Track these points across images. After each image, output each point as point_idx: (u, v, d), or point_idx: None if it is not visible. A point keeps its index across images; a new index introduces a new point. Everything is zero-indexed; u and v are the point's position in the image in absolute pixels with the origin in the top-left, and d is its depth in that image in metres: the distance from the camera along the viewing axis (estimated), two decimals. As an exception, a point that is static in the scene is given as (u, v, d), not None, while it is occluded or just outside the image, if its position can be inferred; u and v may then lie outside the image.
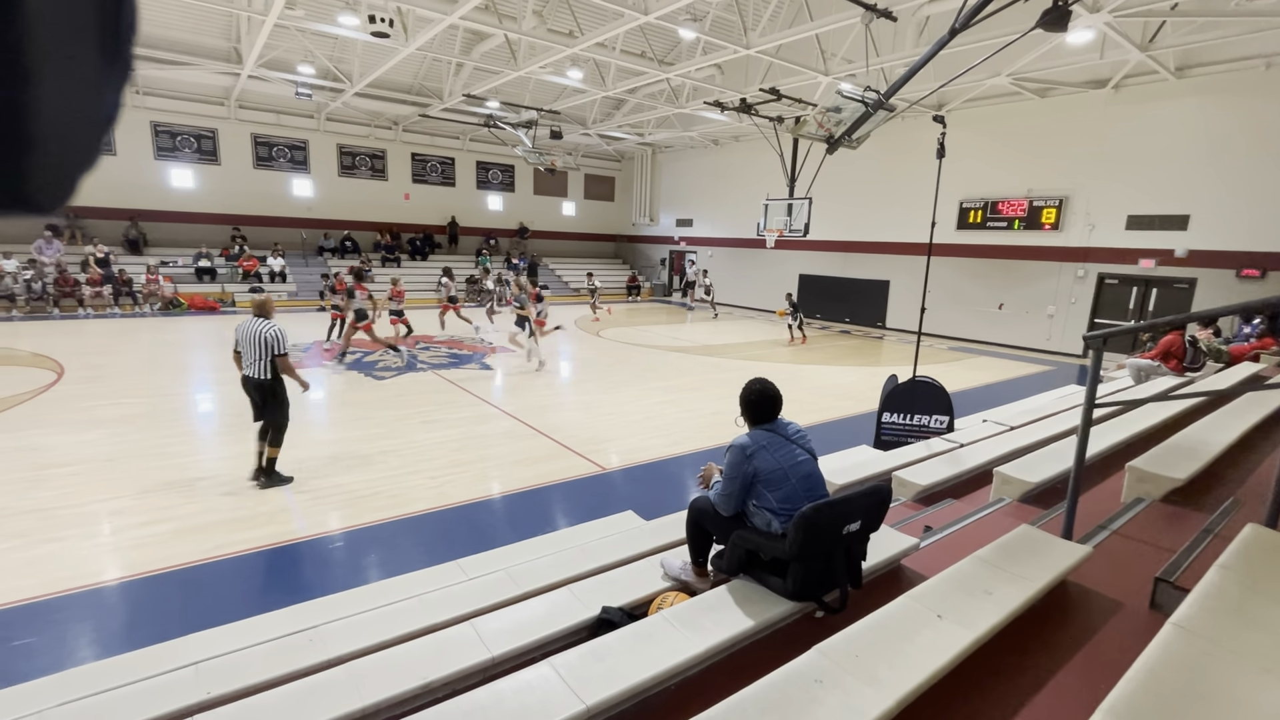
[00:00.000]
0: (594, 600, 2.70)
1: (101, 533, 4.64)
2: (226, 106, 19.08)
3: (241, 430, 6.98)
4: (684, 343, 14.80)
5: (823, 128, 9.81)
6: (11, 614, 3.66)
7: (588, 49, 12.61)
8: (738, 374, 11.22)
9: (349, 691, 2.01)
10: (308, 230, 21.27)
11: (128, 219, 18.31)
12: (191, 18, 14.38)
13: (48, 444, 6.34)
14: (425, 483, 5.77)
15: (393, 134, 22.16)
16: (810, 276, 20.85)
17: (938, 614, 2.15)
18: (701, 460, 6.63)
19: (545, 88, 18.01)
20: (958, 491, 4.48)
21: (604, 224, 28.67)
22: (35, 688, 2.68)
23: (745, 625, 2.32)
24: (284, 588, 4.08)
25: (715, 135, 22.22)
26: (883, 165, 17.87)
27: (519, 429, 7.49)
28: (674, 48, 15.56)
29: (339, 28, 11.95)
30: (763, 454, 2.51)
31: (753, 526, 2.57)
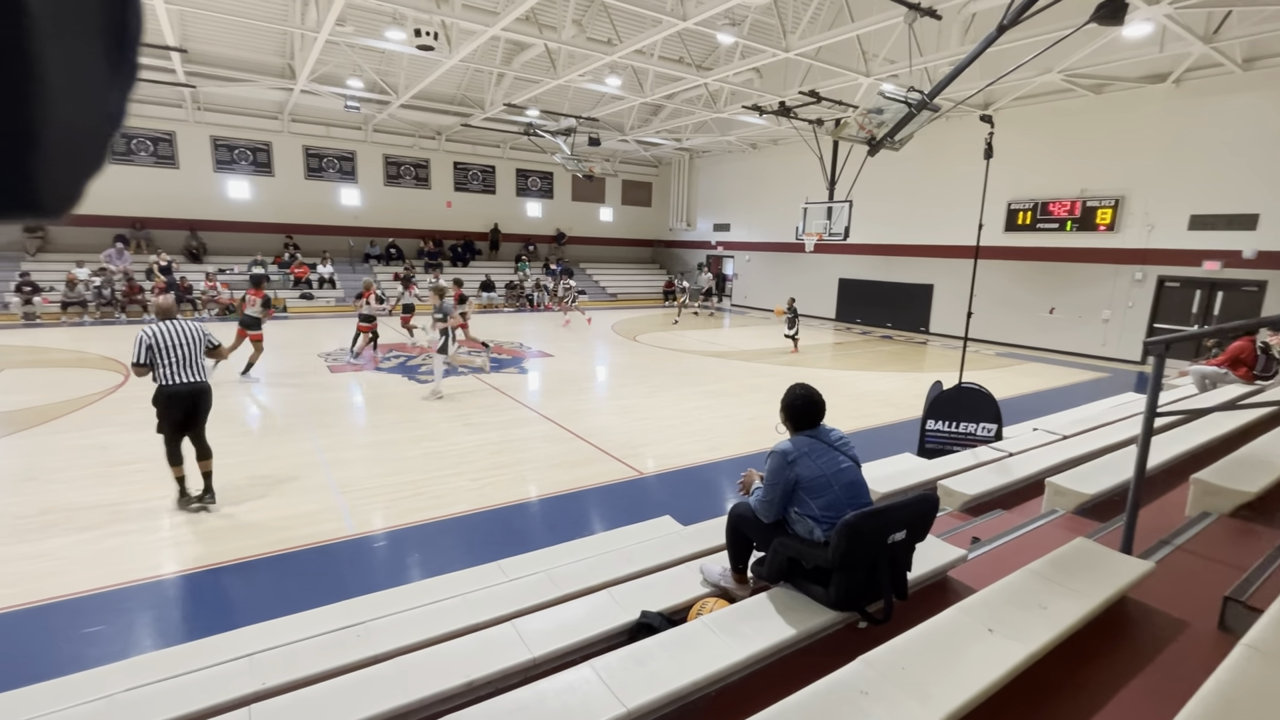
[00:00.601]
0: (633, 604, 2.70)
1: (162, 528, 4.87)
2: (280, 120, 19.89)
3: (292, 430, 7.25)
4: (721, 347, 14.72)
5: (864, 129, 9.65)
6: (83, 602, 3.87)
7: (626, 56, 12.71)
8: (776, 379, 11.10)
9: (396, 687, 2.06)
10: (355, 238, 21.98)
11: (188, 229, 19.24)
12: (249, 37, 15.06)
13: (115, 442, 6.69)
14: (466, 484, 5.88)
15: (436, 144, 22.74)
16: (850, 281, 20.50)
17: (989, 628, 2.08)
18: (739, 466, 6.58)
19: (584, 95, 18.22)
20: (1007, 502, 4.33)
21: (641, 229, 28.79)
22: (103, 673, 2.83)
23: (787, 634, 2.29)
24: (332, 584, 4.20)
25: (753, 139, 22.10)
26: (926, 167, 17.47)
27: (557, 432, 7.56)
28: (712, 52, 15.56)
29: (386, 42, 12.34)
30: (805, 460, 2.48)
31: (794, 534, 2.54)
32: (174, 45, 12.85)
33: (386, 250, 22.30)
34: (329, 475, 5.94)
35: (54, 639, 3.54)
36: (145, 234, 18.62)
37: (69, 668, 3.15)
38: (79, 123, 0.39)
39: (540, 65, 14.82)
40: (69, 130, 0.38)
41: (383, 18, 11.86)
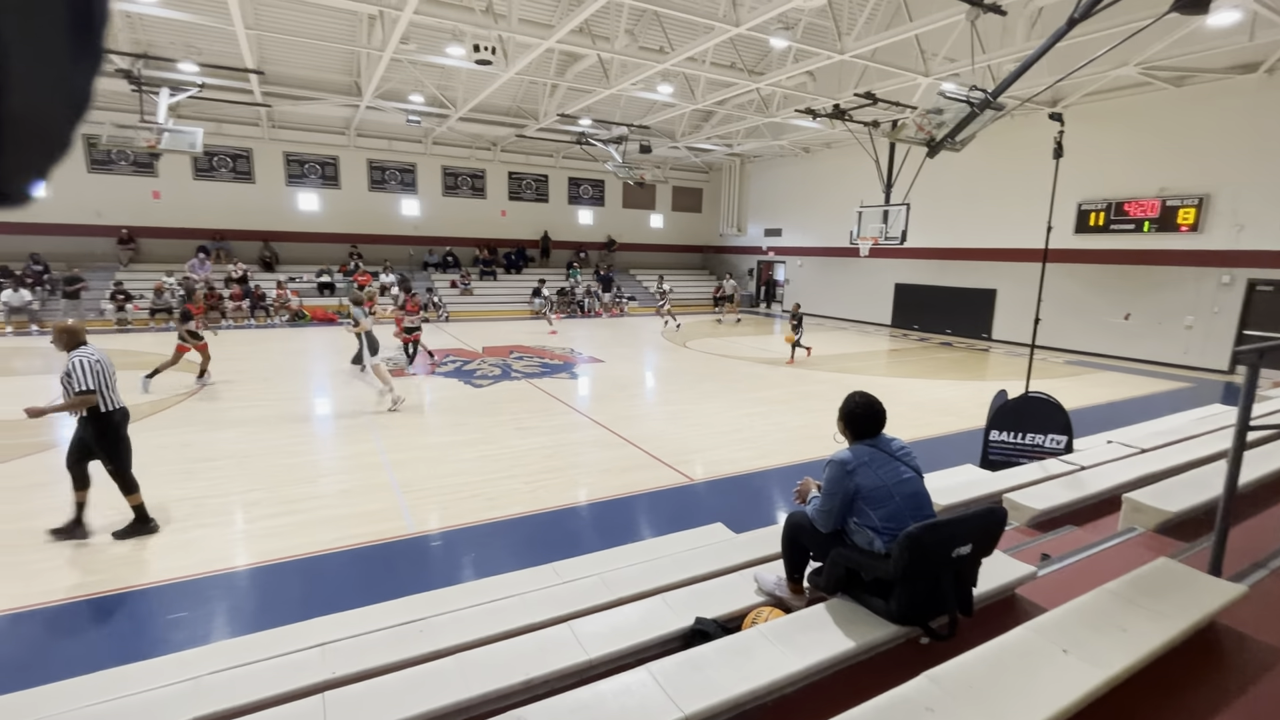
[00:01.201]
0: (687, 610, 2.70)
1: (240, 522, 5.16)
2: (347, 135, 20.87)
3: (356, 431, 7.56)
4: (772, 354, 14.54)
5: (922, 131, 9.39)
6: (169, 589, 4.14)
7: (678, 64, 12.77)
8: (828, 387, 10.88)
9: (458, 681, 2.13)
10: (414, 247, 22.81)
11: (262, 240, 20.39)
12: (320, 57, 15.88)
13: (197, 440, 7.14)
14: (520, 487, 5.99)
15: (491, 154, 23.37)
16: (907, 286, 19.91)
17: (1063, 648, 1.99)
18: (791, 475, 6.48)
19: (635, 104, 18.39)
20: (1079, 518, 4.12)
21: (691, 235, 28.77)
22: (188, 657, 3.02)
23: (845, 646, 2.25)
24: (394, 580, 4.35)
25: (806, 143, 21.80)
26: (988, 167, 16.83)
27: (608, 438, 7.62)
28: (764, 57, 15.46)
29: (446, 58, 12.79)
30: (864, 470, 2.43)
31: (853, 544, 2.49)
32: (252, 68, 13.67)
33: (444, 259, 23.03)
34: (391, 475, 6.17)
35: (143, 623, 3.80)
36: (224, 245, 19.83)
37: (157, 650, 3.38)
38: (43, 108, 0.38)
39: (593, 75, 15.05)
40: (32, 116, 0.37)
41: (443, 35, 12.30)
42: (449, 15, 10.89)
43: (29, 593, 4.00)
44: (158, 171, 18.75)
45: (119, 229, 18.65)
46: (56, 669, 3.15)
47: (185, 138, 13.25)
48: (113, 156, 18.16)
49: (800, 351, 13.52)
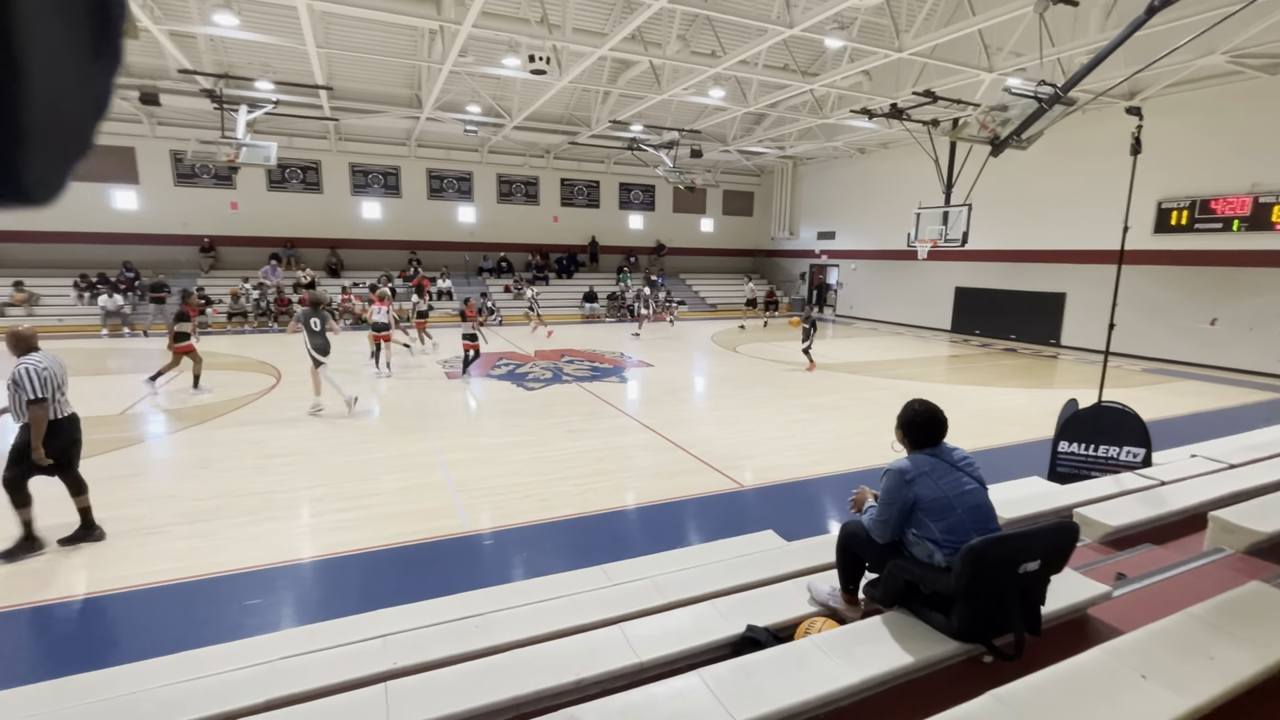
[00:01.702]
0: (738, 617, 2.68)
1: (308, 516, 5.42)
2: (408, 146, 21.69)
3: (413, 431, 7.82)
4: (825, 359, 14.25)
5: (986, 129, 9.04)
6: (244, 578, 4.38)
7: (730, 67, 12.72)
8: (884, 393, 10.58)
9: (513, 678, 2.17)
10: (470, 253, 23.47)
11: (329, 247, 21.39)
12: (383, 72, 16.57)
13: (269, 437, 7.54)
14: (570, 489, 6.07)
15: (544, 161, 23.84)
16: (968, 289, 19.17)
17: (1141, 674, 1.87)
18: (844, 483, 6.33)
19: (686, 108, 18.40)
20: (1159, 536, 3.87)
21: (742, 239, 28.55)
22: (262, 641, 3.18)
23: (903, 661, 2.18)
24: (449, 576, 4.48)
25: (861, 144, 21.31)
26: (1057, 165, 16.05)
27: (657, 442, 7.63)
28: (818, 57, 15.22)
29: (502, 69, 13.13)
30: (924, 480, 2.35)
31: (911, 556, 2.41)
32: (322, 84, 14.39)
33: (498, 264, 23.61)
34: (446, 474, 6.35)
35: (221, 608, 4.04)
36: (294, 252, 20.90)
37: (233, 634, 3.57)
38: (64, 109, 0.39)
39: (645, 81, 15.16)
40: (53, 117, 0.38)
41: (499, 46, 12.63)
42: (506, 27, 11.18)
43: (125, 575, 4.31)
44: (236, 184, 19.94)
45: (201, 238, 19.94)
46: (146, 647, 3.39)
47: (261, 151, 14.06)
48: (196, 171, 19.43)
49: (810, 358, 12.89)
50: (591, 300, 22.27)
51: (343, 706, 2.08)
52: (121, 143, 18.72)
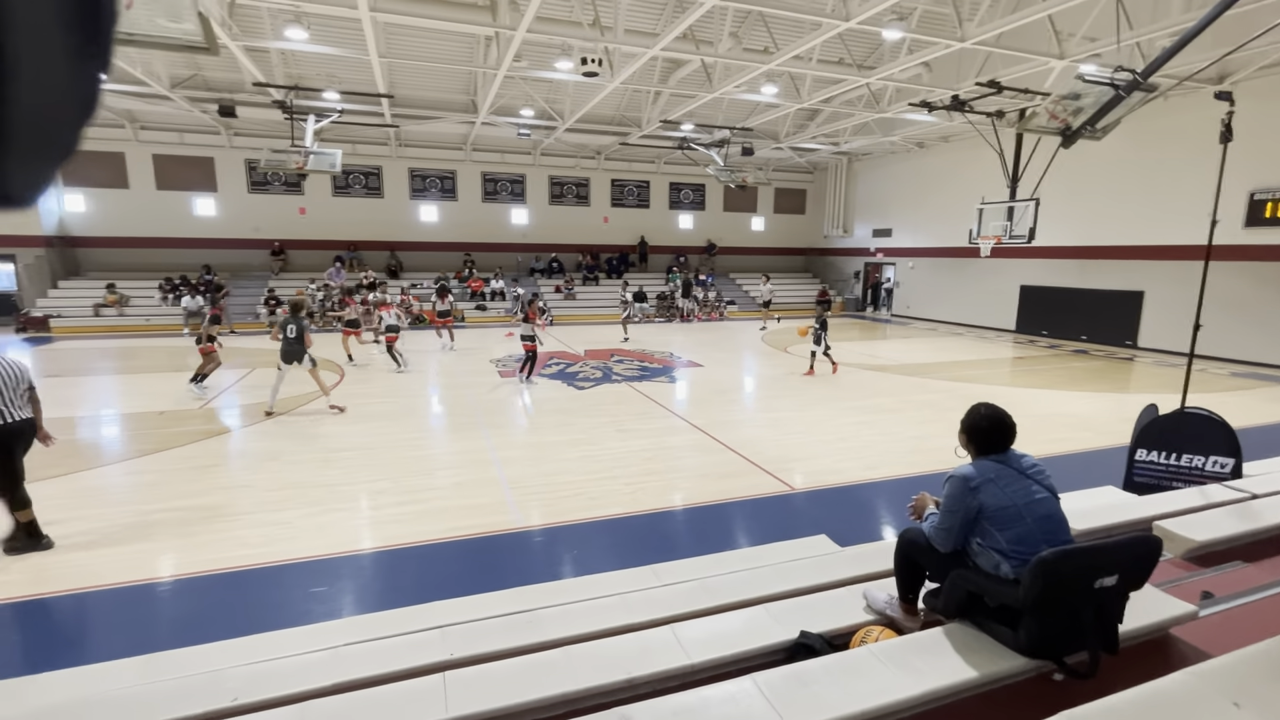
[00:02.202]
0: (791, 622, 2.64)
1: (369, 508, 5.64)
2: (464, 150, 22.28)
3: (467, 429, 8.03)
4: (881, 360, 13.86)
5: (1056, 119, 8.59)
6: (309, 566, 4.59)
7: (784, 63, 12.52)
8: (944, 396, 10.21)
9: (566, 673, 2.20)
10: (522, 254, 23.92)
11: (389, 250, 22.21)
12: (441, 79, 17.07)
13: (333, 432, 7.88)
14: (620, 488, 6.11)
15: (595, 163, 24.06)
16: (1035, 288, 18.28)
17: (1234, 701, 1.74)
18: (901, 488, 6.14)
19: (738, 106, 18.23)
20: (1251, 554, 3.60)
21: (794, 238, 28.07)
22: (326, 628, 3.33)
23: (967, 675, 2.10)
24: (501, 570, 4.58)
25: (920, 138, 20.62)
26: (1135, 155, 15.11)
27: (707, 443, 7.59)
28: (875, 50, 14.80)
29: (555, 72, 13.32)
30: (990, 488, 2.25)
31: (976, 567, 2.32)
32: (384, 92, 14.94)
33: (549, 265, 23.98)
34: (500, 471, 6.49)
35: (289, 594, 4.24)
36: (357, 255, 21.79)
37: (300, 620, 3.75)
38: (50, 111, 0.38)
39: (696, 80, 15.09)
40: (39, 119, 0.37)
41: (552, 50, 12.81)
42: (559, 31, 11.34)
43: (201, 560, 4.59)
44: (304, 190, 20.95)
45: (272, 242, 21.02)
46: (224, 628, 3.60)
47: (327, 159, 14.72)
48: (268, 178, 20.50)
49: (822, 365, 11.80)
50: (641, 300, 22.32)
51: (404, 694, 2.15)
52: (203, 153, 19.94)
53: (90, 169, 19.11)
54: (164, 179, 19.81)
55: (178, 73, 15.52)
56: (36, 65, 0.36)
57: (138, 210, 19.68)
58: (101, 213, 19.49)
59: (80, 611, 4.02)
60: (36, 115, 0.37)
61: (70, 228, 19.33)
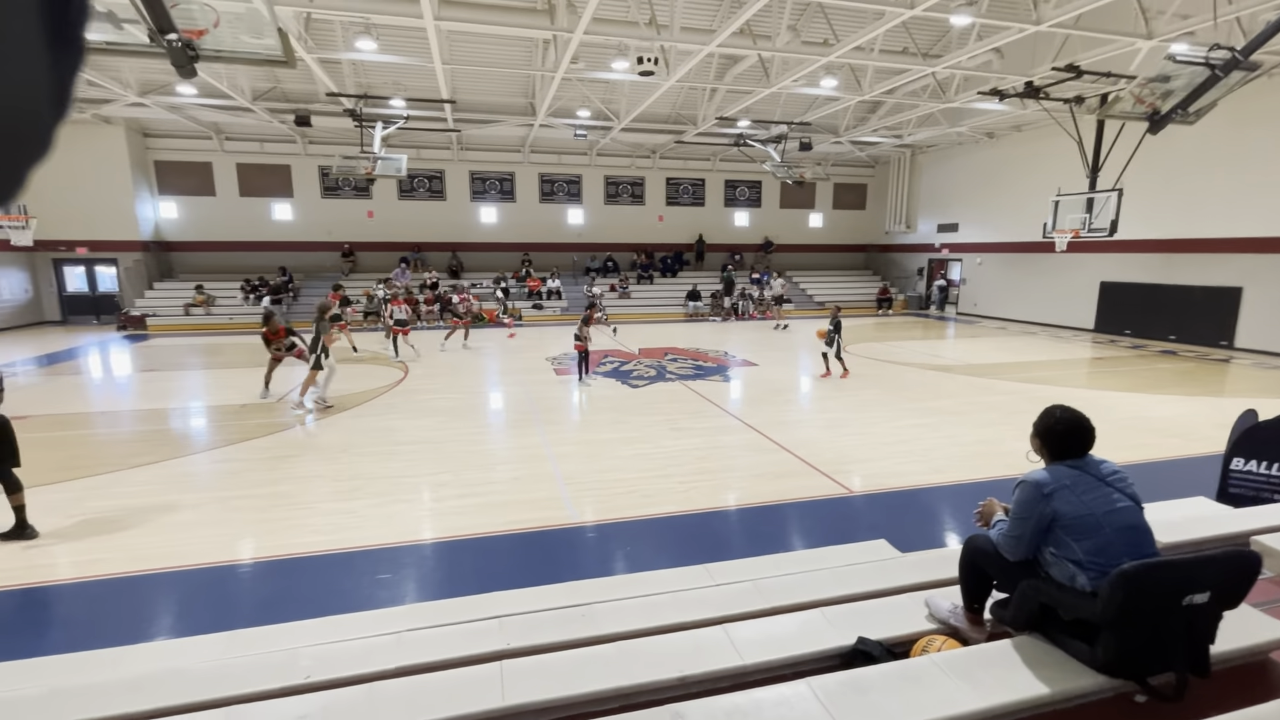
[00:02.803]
0: (848, 627, 2.57)
1: (431, 500, 5.84)
2: (521, 153, 22.76)
3: (524, 425, 8.20)
4: (945, 360, 13.33)
5: (1143, 103, 8.06)
6: (375, 554, 4.80)
7: (844, 55, 12.20)
8: (1012, 398, 9.72)
9: (619, 668, 2.22)
10: (578, 253, 24.24)
11: (450, 250, 22.93)
12: (501, 83, 17.47)
13: (398, 426, 8.20)
14: (674, 486, 6.11)
15: (650, 162, 24.11)
16: (1117, 284, 17.15)
17: (1345, 736, 1.59)
18: (965, 493, 5.89)
19: (796, 100, 17.88)
20: (1368, 575, 3.26)
21: (853, 234, 27.33)
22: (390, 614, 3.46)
23: (1038, 691, 2.00)
24: (556, 564, 4.66)
25: (990, 127, 19.67)
26: (1230, 140, 13.96)
27: (761, 442, 7.49)
28: (941, 38, 14.22)
29: (611, 73, 13.42)
30: (1065, 495, 2.13)
31: (1049, 577, 2.20)
32: (447, 98, 15.42)
33: (604, 264, 24.20)
34: (555, 467, 6.60)
35: (357, 580, 4.45)
36: (420, 255, 22.60)
37: (366, 604, 3.93)
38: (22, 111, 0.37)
39: (753, 76, 14.90)
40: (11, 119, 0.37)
41: (609, 51, 12.92)
42: (615, 32, 11.41)
43: (276, 545, 4.87)
44: (372, 195, 21.86)
45: (343, 244, 22.07)
46: (295, 609, 3.81)
47: (393, 164, 15.33)
48: (339, 184, 21.53)
49: (836, 366, 11.23)
50: (695, 298, 22.25)
51: (463, 680, 2.22)
52: (280, 161, 21.13)
53: (182, 179, 20.60)
54: (246, 186, 21.12)
55: (259, 86, 16.49)
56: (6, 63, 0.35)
57: (223, 216, 21.05)
58: (191, 219, 20.96)
59: (170, 588, 4.34)
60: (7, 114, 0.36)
61: (164, 233, 20.87)
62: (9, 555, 4.68)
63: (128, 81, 15.04)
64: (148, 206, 20.20)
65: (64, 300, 19.84)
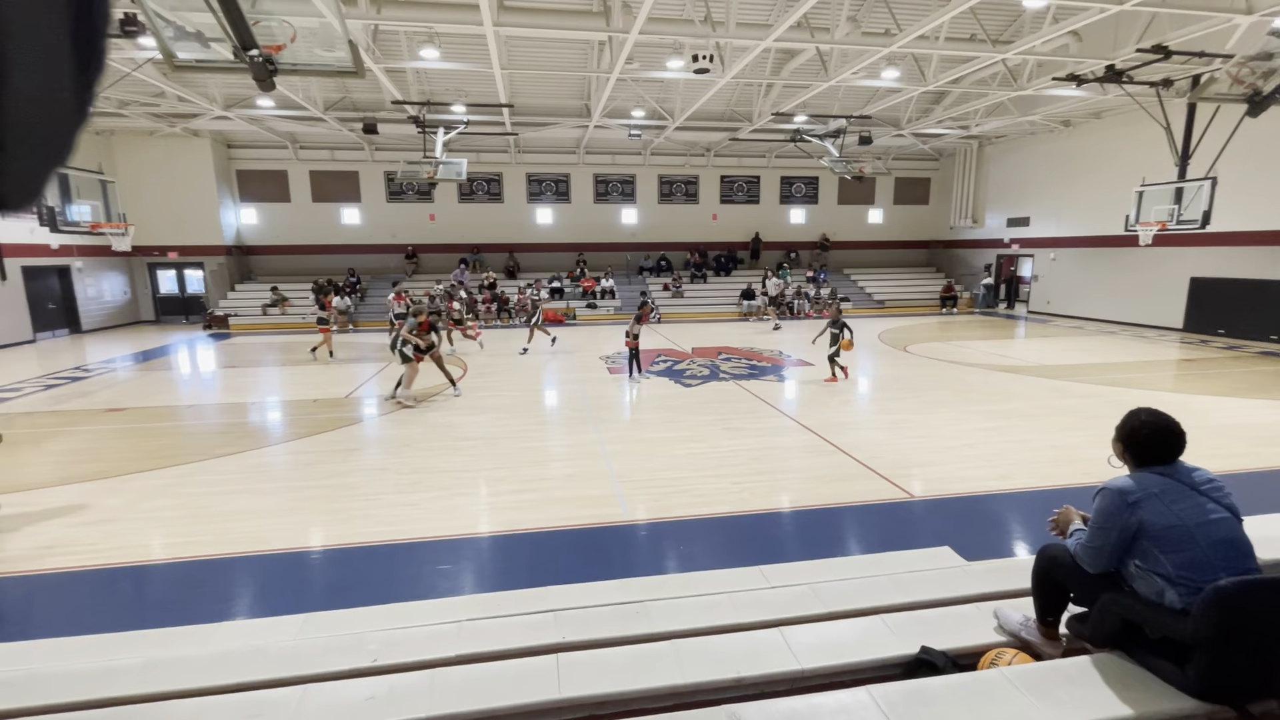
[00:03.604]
0: (910, 636, 2.49)
1: (489, 494, 5.99)
2: (577, 154, 23.05)
3: (579, 423, 8.30)
4: (1014, 361, 12.70)
5: (1241, 84, 7.46)
6: (436, 545, 4.96)
7: (907, 44, 11.79)
8: (1089, 401, 9.17)
9: (673, 666, 2.22)
10: (631, 253, 24.37)
11: (508, 251, 23.47)
12: (557, 86, 17.77)
13: (458, 422, 8.46)
14: (727, 486, 6.05)
15: (704, 160, 23.98)
16: (1209, 280, 15.92)
17: None
18: (1037, 501, 5.61)
19: (855, 93, 17.41)
20: None
21: (916, 230, 26.39)
22: (451, 603, 3.58)
23: (1119, 712, 1.88)
24: (608, 561, 4.70)
25: (1066, 115, 18.59)
26: (1349, 122, 12.70)
27: (818, 444, 7.33)
28: (1013, 22, 13.56)
29: (666, 71, 13.42)
30: (1153, 504, 1.99)
31: (1133, 591, 2.06)
32: (505, 102, 15.79)
33: (657, 263, 24.22)
34: (609, 465, 6.66)
35: (419, 569, 4.61)
36: (479, 257, 23.23)
37: (428, 593, 4.08)
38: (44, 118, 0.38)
39: (810, 70, 14.60)
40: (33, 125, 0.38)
41: (664, 50, 12.92)
42: (671, 31, 11.40)
43: (345, 533, 5.11)
44: (433, 198, 22.64)
45: (406, 246, 22.93)
46: (362, 594, 3.99)
47: (454, 168, 15.82)
48: (403, 188, 22.38)
49: (839, 369, 10.58)
50: (749, 297, 21.99)
51: (521, 670, 2.27)
52: (349, 168, 22.15)
53: (261, 186, 21.90)
54: (318, 192, 22.25)
55: (330, 96, 17.32)
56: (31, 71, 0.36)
57: (296, 221, 22.26)
58: (268, 224, 22.25)
59: (251, 571, 4.61)
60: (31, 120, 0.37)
61: (245, 238, 22.22)
62: (110, 536, 5.09)
63: (214, 96, 16.08)
64: (230, 213, 21.55)
65: (157, 301, 21.41)
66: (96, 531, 5.17)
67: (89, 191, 11.63)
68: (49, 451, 7.41)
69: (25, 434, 8.19)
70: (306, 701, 2.15)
